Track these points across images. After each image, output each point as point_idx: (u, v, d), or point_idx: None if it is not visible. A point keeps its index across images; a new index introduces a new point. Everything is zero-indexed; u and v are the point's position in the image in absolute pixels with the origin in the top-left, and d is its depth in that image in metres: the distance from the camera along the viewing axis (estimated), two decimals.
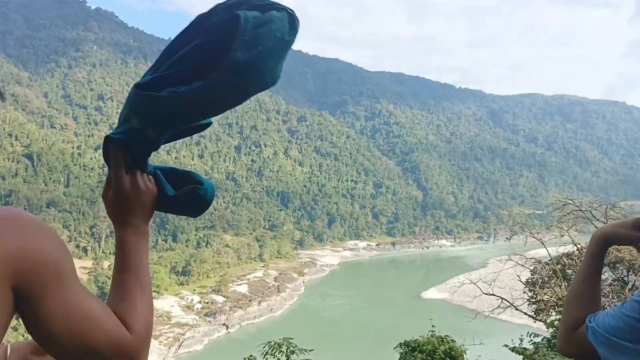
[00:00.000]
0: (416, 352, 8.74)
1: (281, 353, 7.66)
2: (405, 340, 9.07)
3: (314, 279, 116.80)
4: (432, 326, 9.35)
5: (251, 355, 7.81)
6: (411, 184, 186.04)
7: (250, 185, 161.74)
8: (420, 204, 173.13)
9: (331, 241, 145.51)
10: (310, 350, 8.09)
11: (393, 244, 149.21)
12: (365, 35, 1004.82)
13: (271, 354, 7.68)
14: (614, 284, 15.76)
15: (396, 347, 9.10)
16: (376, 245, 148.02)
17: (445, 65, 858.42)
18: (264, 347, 7.81)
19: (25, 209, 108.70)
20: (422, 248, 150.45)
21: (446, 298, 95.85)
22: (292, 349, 7.77)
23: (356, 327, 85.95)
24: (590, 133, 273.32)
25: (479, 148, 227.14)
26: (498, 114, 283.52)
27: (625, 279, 16.04)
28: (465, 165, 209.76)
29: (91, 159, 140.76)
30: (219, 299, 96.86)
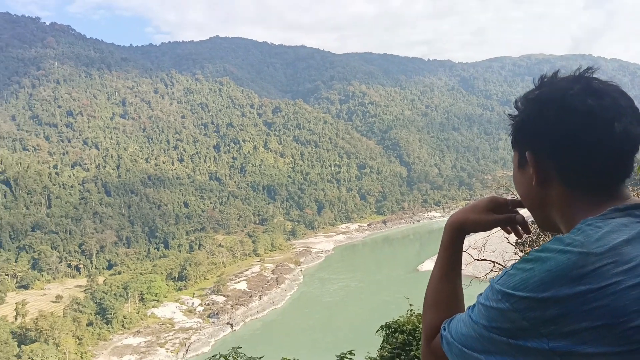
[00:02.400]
0: (397, 334, 8.79)
1: None
2: (386, 322, 9.06)
3: (310, 266, 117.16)
4: (410, 305, 9.30)
5: None
6: (394, 161, 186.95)
7: (235, 182, 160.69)
8: (405, 180, 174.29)
9: (323, 227, 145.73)
10: (260, 358, 7.77)
11: (384, 222, 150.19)
12: (328, 19, 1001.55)
13: None
14: None
15: (378, 330, 9.06)
16: (367, 225, 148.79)
17: (411, 40, 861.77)
18: None
19: (10, 235, 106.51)
20: (413, 222, 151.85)
21: None
22: (239, 359, 7.45)
23: (356, 308, 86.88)
24: None
25: (456, 117, 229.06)
26: (469, 81, 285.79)
27: None
28: (444, 135, 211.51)
29: (69, 176, 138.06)
30: (220, 299, 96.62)
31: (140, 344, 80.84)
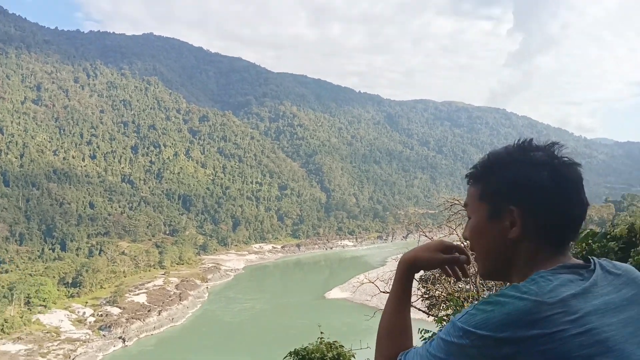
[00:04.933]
0: None
1: None
2: (295, 349, 9.02)
3: (218, 284, 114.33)
4: (321, 332, 9.43)
5: None
6: (315, 185, 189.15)
7: (149, 188, 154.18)
8: (323, 205, 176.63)
9: (236, 245, 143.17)
10: None
11: (298, 245, 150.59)
12: (268, 36, 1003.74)
13: None
14: None
15: (286, 356, 8.98)
16: (281, 247, 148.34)
17: (345, 69, 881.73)
18: None
19: None
20: (326, 249, 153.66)
21: (348, 297, 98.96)
22: None
23: (258, 331, 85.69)
24: (475, 137, 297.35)
25: (378, 151, 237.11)
26: (394, 118, 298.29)
27: None
28: (366, 167, 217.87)
29: None
30: (115, 310, 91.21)
31: (20, 352, 74.20)
